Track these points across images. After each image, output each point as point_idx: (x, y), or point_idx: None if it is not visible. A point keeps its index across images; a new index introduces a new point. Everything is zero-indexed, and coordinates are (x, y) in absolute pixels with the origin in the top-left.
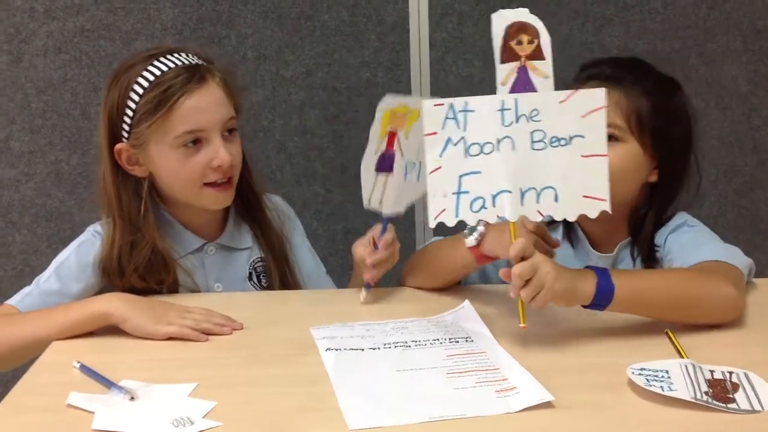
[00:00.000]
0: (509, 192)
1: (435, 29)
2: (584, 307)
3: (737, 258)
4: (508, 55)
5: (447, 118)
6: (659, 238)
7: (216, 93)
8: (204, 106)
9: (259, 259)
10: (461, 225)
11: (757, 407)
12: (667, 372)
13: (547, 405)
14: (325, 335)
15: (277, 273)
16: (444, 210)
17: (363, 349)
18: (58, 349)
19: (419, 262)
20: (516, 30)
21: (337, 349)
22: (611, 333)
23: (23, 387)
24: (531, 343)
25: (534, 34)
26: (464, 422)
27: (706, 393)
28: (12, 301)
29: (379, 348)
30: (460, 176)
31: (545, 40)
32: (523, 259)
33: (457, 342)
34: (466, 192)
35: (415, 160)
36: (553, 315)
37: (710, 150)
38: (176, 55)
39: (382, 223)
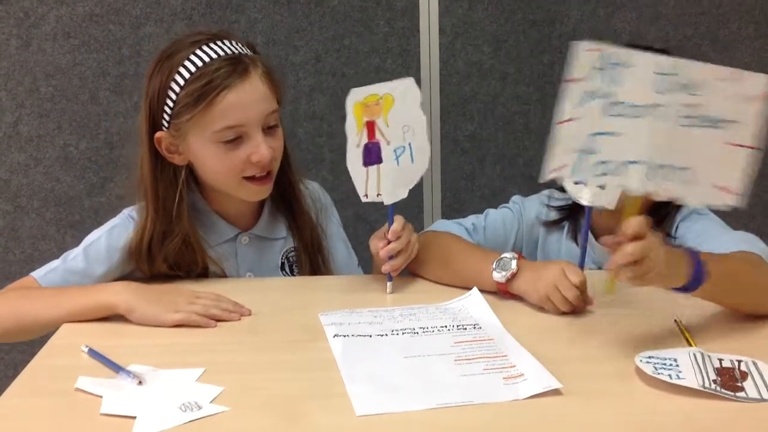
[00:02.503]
0: (643, 164)
1: (444, 15)
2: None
3: (757, 246)
4: None
5: (596, 67)
6: (669, 226)
7: (258, 87)
8: (245, 101)
9: (292, 249)
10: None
11: (766, 396)
12: (675, 360)
13: (555, 392)
14: (333, 321)
15: (307, 262)
16: (564, 166)
17: (371, 336)
18: (67, 332)
19: (435, 257)
20: None
21: (344, 336)
22: (619, 321)
23: (32, 370)
24: (539, 331)
25: None
26: (471, 409)
27: (715, 381)
28: (36, 274)
29: (386, 334)
30: (593, 135)
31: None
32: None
33: (465, 329)
34: (594, 152)
35: (402, 143)
36: None
37: None
38: (219, 43)
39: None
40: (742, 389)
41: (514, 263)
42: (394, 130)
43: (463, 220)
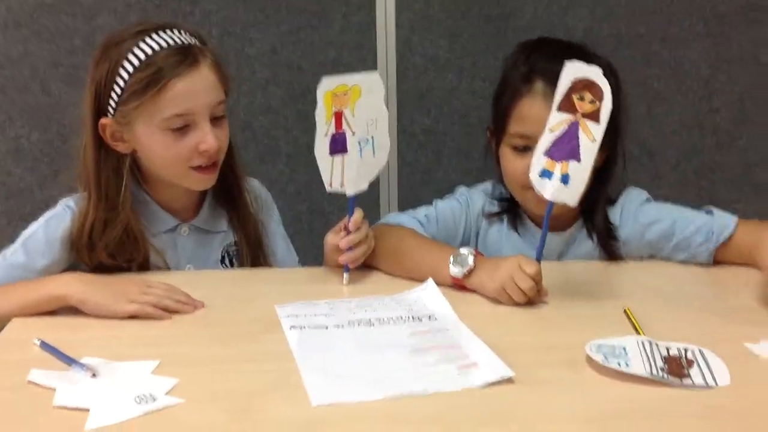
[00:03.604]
0: None
1: (401, 9)
2: None
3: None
4: (567, 105)
5: None
6: (613, 217)
7: (207, 77)
8: (194, 89)
9: (233, 243)
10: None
11: (711, 383)
12: (624, 349)
13: (508, 381)
14: (289, 313)
15: (249, 258)
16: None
17: (327, 327)
18: (18, 326)
19: (389, 251)
20: (583, 85)
21: (301, 327)
22: (571, 311)
23: None
24: (492, 322)
25: (599, 96)
26: (427, 398)
27: (662, 369)
28: None
29: (342, 326)
30: None
31: (606, 106)
32: None
33: (420, 320)
34: None
35: (366, 135)
36: None
37: (671, 132)
38: (168, 32)
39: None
40: (688, 376)
41: (471, 259)
42: (359, 121)
43: (415, 212)
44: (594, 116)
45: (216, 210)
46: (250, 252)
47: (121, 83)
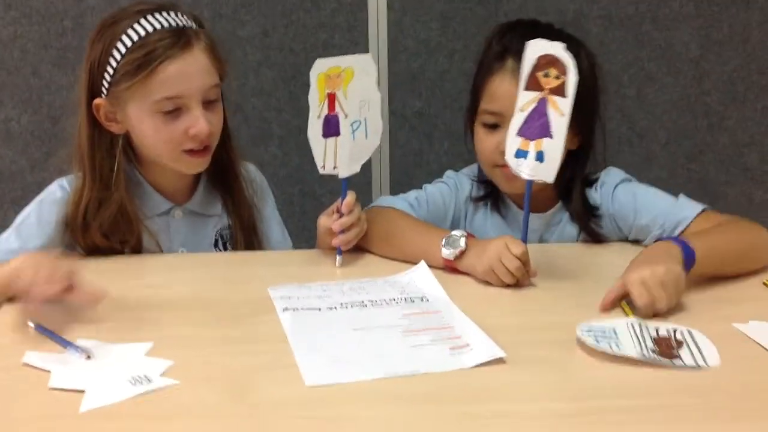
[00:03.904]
0: None
1: None
2: None
3: (696, 204)
4: (533, 84)
5: None
6: (593, 197)
7: (200, 60)
8: (186, 73)
9: (227, 227)
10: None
11: (701, 363)
12: (614, 330)
13: (499, 361)
14: (283, 295)
15: (243, 242)
16: None
17: (320, 309)
18: (12, 309)
19: (381, 233)
20: (547, 62)
21: (294, 309)
22: (561, 293)
23: None
24: (483, 303)
25: (563, 70)
26: (419, 378)
27: (652, 350)
28: None
29: (335, 308)
30: None
31: (572, 80)
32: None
33: (413, 301)
34: None
35: (359, 118)
36: None
37: (661, 114)
38: (164, 14)
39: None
40: (678, 357)
41: (462, 241)
42: (352, 103)
43: (406, 195)
44: (560, 91)
45: (210, 193)
46: (244, 236)
47: (114, 64)
